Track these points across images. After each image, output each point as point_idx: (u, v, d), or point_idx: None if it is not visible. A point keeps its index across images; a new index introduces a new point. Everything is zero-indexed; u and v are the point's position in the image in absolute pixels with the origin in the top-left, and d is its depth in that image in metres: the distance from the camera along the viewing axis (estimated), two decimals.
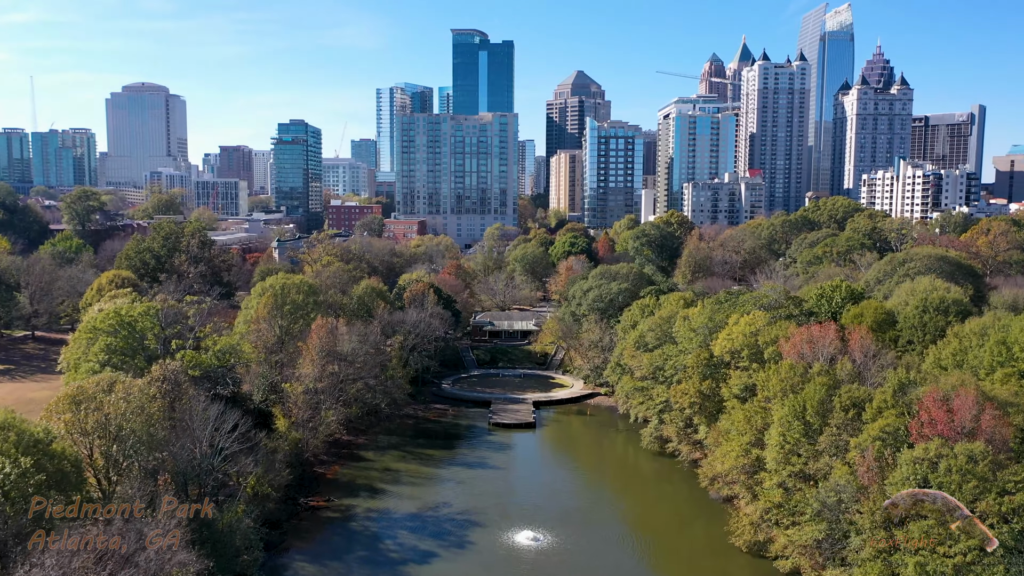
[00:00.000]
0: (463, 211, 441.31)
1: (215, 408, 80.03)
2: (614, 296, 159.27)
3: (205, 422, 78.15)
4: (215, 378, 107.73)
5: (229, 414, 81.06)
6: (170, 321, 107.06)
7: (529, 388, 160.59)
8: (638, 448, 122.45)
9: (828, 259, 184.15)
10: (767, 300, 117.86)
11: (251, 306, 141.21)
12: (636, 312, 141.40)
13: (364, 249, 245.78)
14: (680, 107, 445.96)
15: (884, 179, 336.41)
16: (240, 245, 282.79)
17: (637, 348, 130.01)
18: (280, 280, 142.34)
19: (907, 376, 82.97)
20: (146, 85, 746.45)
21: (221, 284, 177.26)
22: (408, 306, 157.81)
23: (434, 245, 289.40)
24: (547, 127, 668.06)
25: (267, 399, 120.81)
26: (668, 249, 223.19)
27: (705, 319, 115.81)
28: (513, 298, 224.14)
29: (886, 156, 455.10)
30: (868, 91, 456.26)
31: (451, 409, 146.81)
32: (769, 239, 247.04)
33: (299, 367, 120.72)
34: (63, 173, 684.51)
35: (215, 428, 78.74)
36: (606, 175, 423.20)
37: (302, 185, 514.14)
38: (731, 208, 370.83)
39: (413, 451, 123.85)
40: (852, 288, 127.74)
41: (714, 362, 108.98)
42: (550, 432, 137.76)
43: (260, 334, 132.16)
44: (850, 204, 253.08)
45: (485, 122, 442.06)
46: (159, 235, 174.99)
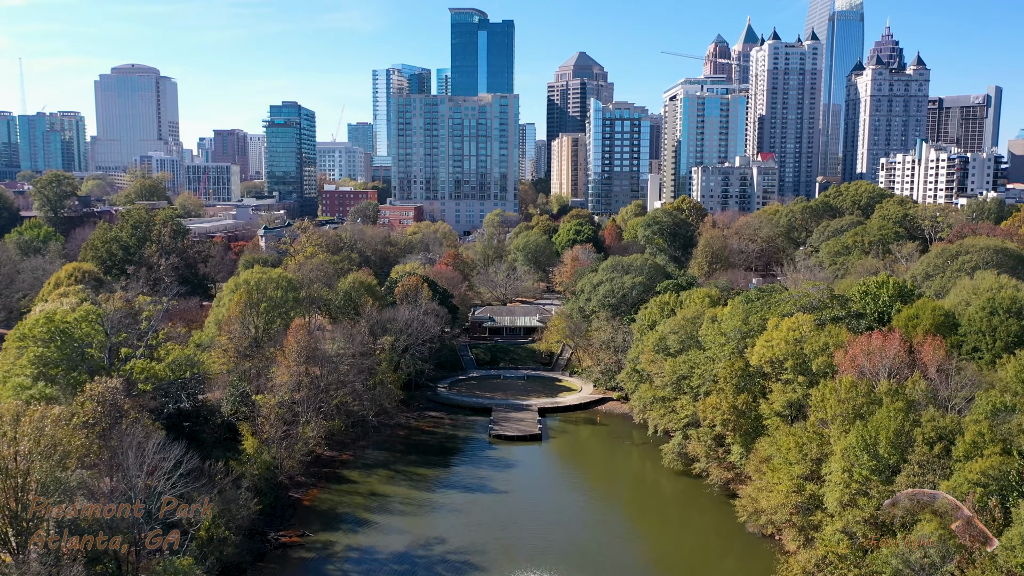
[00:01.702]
0: (462, 196, 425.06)
1: (152, 441, 65.09)
2: (627, 291, 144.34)
3: (142, 460, 63.36)
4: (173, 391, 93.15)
5: (173, 448, 66.15)
6: (118, 326, 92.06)
7: (533, 392, 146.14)
8: (658, 465, 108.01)
9: (859, 249, 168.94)
10: (808, 300, 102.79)
11: (223, 304, 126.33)
12: (654, 310, 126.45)
13: (356, 237, 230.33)
14: (687, 88, 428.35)
15: (905, 163, 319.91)
16: (225, 233, 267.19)
17: (657, 352, 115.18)
18: (255, 274, 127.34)
19: (1000, 399, 68.12)
20: (136, 67, 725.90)
21: (196, 278, 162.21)
22: (400, 302, 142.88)
23: (431, 232, 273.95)
24: (548, 110, 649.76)
25: (237, 412, 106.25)
26: (681, 238, 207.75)
27: (738, 322, 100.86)
28: (515, 290, 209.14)
29: (901, 139, 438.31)
30: (883, 71, 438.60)
31: (448, 418, 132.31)
32: (788, 227, 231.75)
33: (273, 375, 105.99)
34: (51, 157, 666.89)
35: (155, 466, 63.96)
36: (611, 159, 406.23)
37: (295, 169, 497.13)
38: (742, 194, 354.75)
39: (404, 470, 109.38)
40: (900, 285, 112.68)
41: (750, 373, 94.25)
42: (558, 446, 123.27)
43: (232, 336, 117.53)
44: (874, 189, 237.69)
45: (484, 103, 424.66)
46: (128, 223, 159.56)
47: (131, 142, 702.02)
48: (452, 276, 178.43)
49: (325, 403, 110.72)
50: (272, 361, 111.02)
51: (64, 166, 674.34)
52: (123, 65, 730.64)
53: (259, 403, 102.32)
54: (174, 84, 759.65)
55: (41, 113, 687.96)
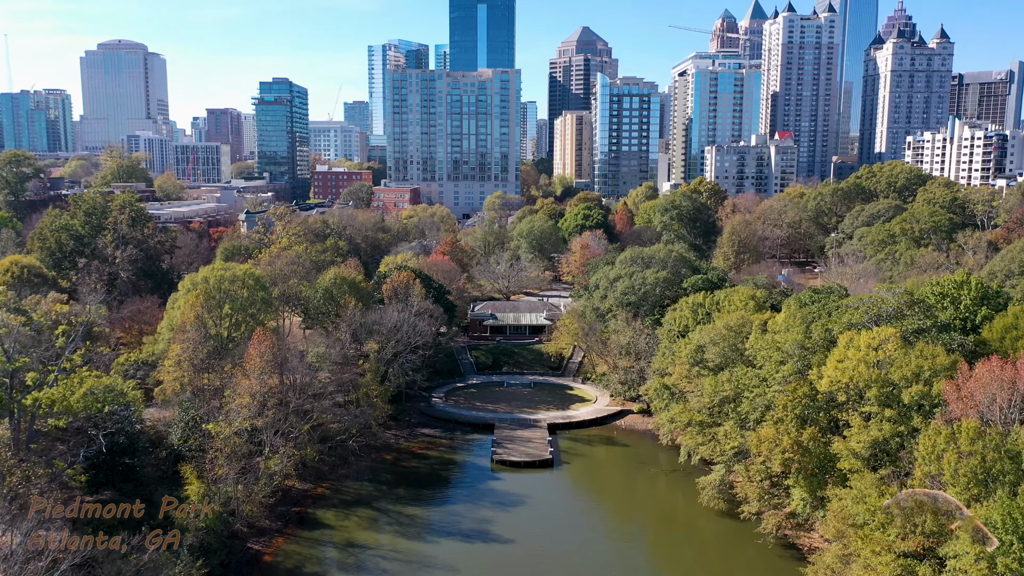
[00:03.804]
0: (460, 178, 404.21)
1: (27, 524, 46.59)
2: (649, 288, 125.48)
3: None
4: (102, 423, 74.82)
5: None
6: (30, 343, 73.37)
7: (542, 403, 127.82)
8: (694, 502, 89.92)
9: (907, 238, 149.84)
10: (881, 307, 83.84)
11: (178, 306, 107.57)
12: (685, 313, 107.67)
13: (344, 223, 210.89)
14: (698, 63, 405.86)
15: (935, 141, 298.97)
16: (205, 218, 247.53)
17: (693, 365, 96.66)
18: (216, 271, 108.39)
19: None
20: (123, 43, 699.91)
21: (159, 272, 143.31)
22: (388, 301, 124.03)
23: (428, 216, 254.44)
24: (550, 88, 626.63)
25: (188, 440, 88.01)
26: (702, 224, 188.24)
27: (798, 334, 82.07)
28: (518, 282, 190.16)
29: (922, 117, 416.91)
30: (904, 45, 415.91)
31: (443, 436, 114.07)
32: (816, 211, 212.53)
33: (229, 398, 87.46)
34: (36, 137, 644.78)
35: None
36: (619, 138, 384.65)
37: (286, 149, 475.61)
38: (759, 175, 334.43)
39: (390, 508, 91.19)
40: (983, 285, 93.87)
41: (819, 401, 75.75)
42: (573, 474, 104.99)
43: (188, 345, 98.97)
44: (911, 170, 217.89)
45: (484, 79, 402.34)
46: (80, 210, 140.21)
47: (119, 121, 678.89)
48: (449, 268, 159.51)
49: (295, 428, 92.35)
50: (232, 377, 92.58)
51: (49, 146, 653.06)
52: (109, 41, 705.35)
53: (212, 433, 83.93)
54: (163, 61, 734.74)
55: (25, 91, 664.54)
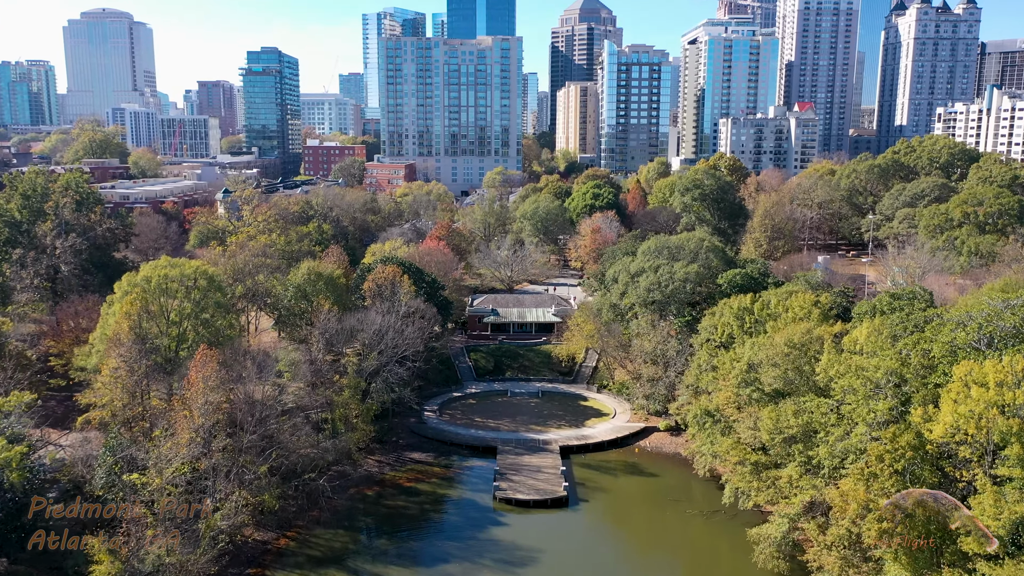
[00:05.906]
0: (459, 152, 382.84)
1: None
2: (678, 285, 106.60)
3: None
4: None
5: None
6: None
7: (552, 418, 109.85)
8: (744, 559, 72.22)
9: (970, 224, 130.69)
10: (996, 323, 65.04)
11: (113, 312, 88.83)
12: (729, 320, 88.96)
13: (331, 203, 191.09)
14: (711, 30, 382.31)
15: (969, 113, 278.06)
16: (181, 197, 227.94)
17: (742, 387, 78.28)
18: (160, 269, 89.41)
19: None
20: (107, 11, 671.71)
21: (110, 264, 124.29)
22: (371, 301, 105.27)
23: (423, 194, 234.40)
24: (552, 58, 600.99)
25: (114, 486, 69.93)
26: (728, 205, 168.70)
27: (892, 361, 63.38)
28: (522, 269, 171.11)
29: (947, 87, 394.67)
30: (929, 10, 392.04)
31: (436, 462, 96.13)
32: (849, 189, 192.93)
33: (160, 438, 69.13)
34: (18, 110, 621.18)
35: None
36: (627, 110, 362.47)
37: (276, 123, 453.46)
38: (777, 149, 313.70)
39: (368, 570, 73.36)
40: None
41: (930, 453, 57.44)
42: (593, 516, 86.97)
43: (125, 361, 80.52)
44: (955, 144, 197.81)
45: (484, 47, 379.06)
46: (17, 192, 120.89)
47: (104, 93, 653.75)
48: (444, 257, 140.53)
49: (250, 470, 74.23)
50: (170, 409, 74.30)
51: (32, 119, 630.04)
52: (93, 9, 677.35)
53: (136, 485, 65.72)
54: (149, 30, 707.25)
55: (7, 62, 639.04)
